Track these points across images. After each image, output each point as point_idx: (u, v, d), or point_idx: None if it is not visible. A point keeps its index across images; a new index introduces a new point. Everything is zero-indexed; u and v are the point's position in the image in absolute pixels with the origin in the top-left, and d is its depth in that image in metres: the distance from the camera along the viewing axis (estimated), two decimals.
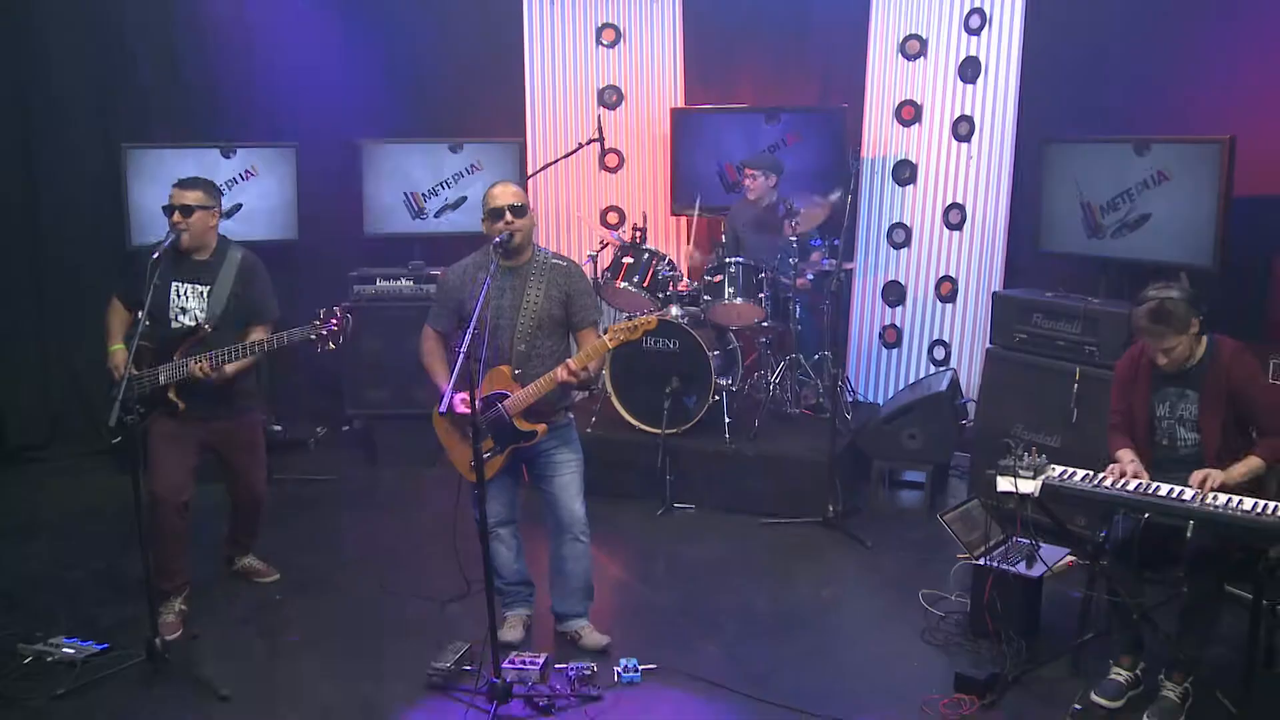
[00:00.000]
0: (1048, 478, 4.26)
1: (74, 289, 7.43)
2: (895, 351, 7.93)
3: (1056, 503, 4.35)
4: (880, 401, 7.87)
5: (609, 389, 6.82)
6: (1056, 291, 6.17)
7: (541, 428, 4.64)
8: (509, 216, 4.57)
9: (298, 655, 4.89)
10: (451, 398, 4.29)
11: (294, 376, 7.84)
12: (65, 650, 4.74)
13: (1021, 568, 4.78)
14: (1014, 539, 4.98)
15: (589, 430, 6.63)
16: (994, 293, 6.60)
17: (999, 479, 4.29)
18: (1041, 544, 4.91)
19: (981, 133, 7.37)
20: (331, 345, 4.80)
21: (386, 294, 7.41)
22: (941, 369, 7.42)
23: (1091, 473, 4.31)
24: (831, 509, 6.28)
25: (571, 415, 4.88)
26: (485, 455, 4.65)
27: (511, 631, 4.94)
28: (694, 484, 6.65)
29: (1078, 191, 6.38)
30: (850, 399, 7.46)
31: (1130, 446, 4.45)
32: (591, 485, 4.94)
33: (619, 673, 4.61)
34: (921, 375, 7.75)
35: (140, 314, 4.80)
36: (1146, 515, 4.04)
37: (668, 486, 6.58)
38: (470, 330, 4.20)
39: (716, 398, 6.67)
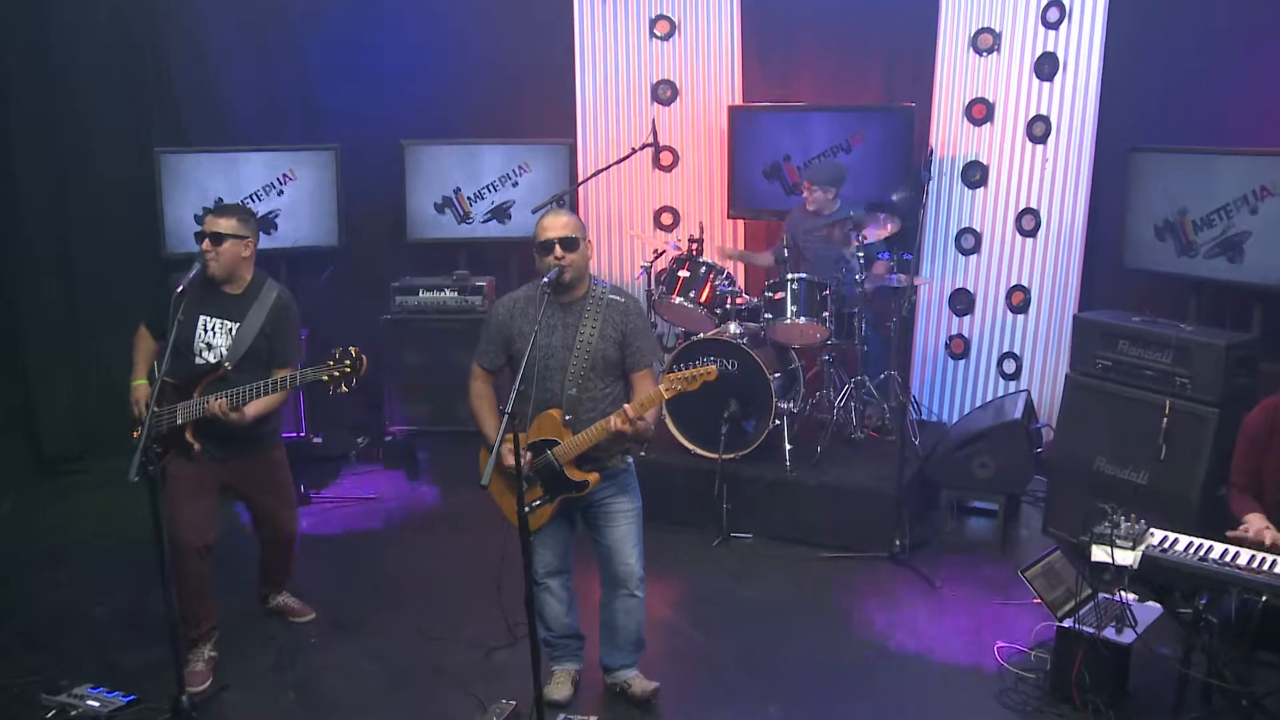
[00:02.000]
0: (1148, 548, 3.88)
1: (108, 297, 7.21)
2: (962, 363, 7.52)
3: (1156, 573, 3.94)
4: (946, 416, 7.48)
5: (663, 411, 6.47)
6: (1144, 316, 5.72)
7: (594, 478, 4.31)
8: (559, 251, 4.21)
9: (331, 711, 4.62)
10: (497, 460, 3.92)
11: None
12: (90, 703, 4.50)
13: (1111, 631, 4.40)
14: (1101, 596, 4.60)
15: (641, 454, 6.28)
16: (1075, 316, 6.15)
17: (1094, 548, 3.93)
18: (1131, 599, 4.51)
19: (1059, 134, 6.92)
20: (344, 388, 4.53)
21: (429, 305, 7.11)
22: (1015, 391, 6.99)
23: (1197, 541, 3.92)
24: (898, 543, 5.92)
25: (630, 459, 4.51)
26: (534, 504, 4.35)
27: (559, 689, 4.63)
28: (752, 512, 6.30)
29: (1168, 205, 5.94)
30: (915, 418, 7.07)
31: (1259, 510, 4.06)
32: (645, 512, 4.58)
33: None
34: (990, 388, 7.37)
35: (166, 347, 4.51)
36: (1265, 598, 3.65)
37: (724, 515, 6.24)
38: (516, 387, 3.85)
39: (777, 422, 6.30)
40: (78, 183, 7.12)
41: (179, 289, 4.40)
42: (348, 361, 4.50)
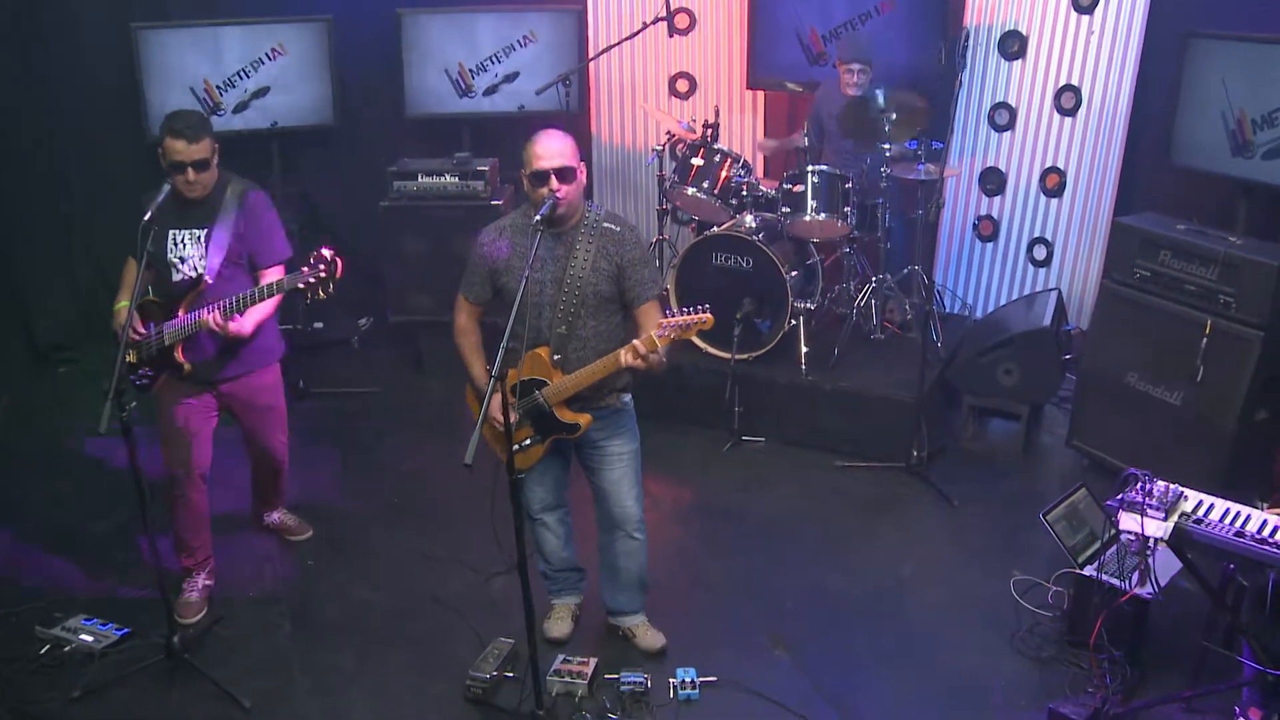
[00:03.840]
0: (1181, 518, 3.63)
1: (94, 181, 6.90)
2: (990, 246, 7.15)
3: (1188, 546, 3.70)
4: (971, 302, 7.16)
5: (674, 307, 6.18)
6: (1190, 225, 5.31)
7: (585, 419, 4.07)
8: (555, 183, 3.86)
9: (327, 645, 4.51)
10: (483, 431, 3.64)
11: None
12: (83, 638, 4.44)
13: (1132, 581, 4.18)
14: (1125, 537, 4.37)
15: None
16: (1114, 221, 5.76)
17: (1123, 515, 3.67)
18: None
19: (1107, 4, 6.39)
20: (322, 294, 4.13)
21: (429, 191, 6.70)
22: (1045, 290, 6.61)
23: (1236, 508, 3.66)
24: (916, 454, 5.70)
25: (627, 399, 4.25)
26: (524, 443, 4.14)
27: (559, 626, 4.52)
28: (765, 415, 6.09)
29: (1225, 99, 5.47)
30: (940, 309, 6.76)
31: None
32: (655, 411, 4.46)
33: (675, 686, 4.19)
34: (1019, 274, 7.03)
35: (143, 275, 4.21)
36: None
37: (736, 418, 6.02)
38: (504, 343, 3.57)
39: (793, 321, 6.01)
40: (55, 65, 6.67)
41: (146, 216, 4.07)
42: (322, 266, 4.09)
